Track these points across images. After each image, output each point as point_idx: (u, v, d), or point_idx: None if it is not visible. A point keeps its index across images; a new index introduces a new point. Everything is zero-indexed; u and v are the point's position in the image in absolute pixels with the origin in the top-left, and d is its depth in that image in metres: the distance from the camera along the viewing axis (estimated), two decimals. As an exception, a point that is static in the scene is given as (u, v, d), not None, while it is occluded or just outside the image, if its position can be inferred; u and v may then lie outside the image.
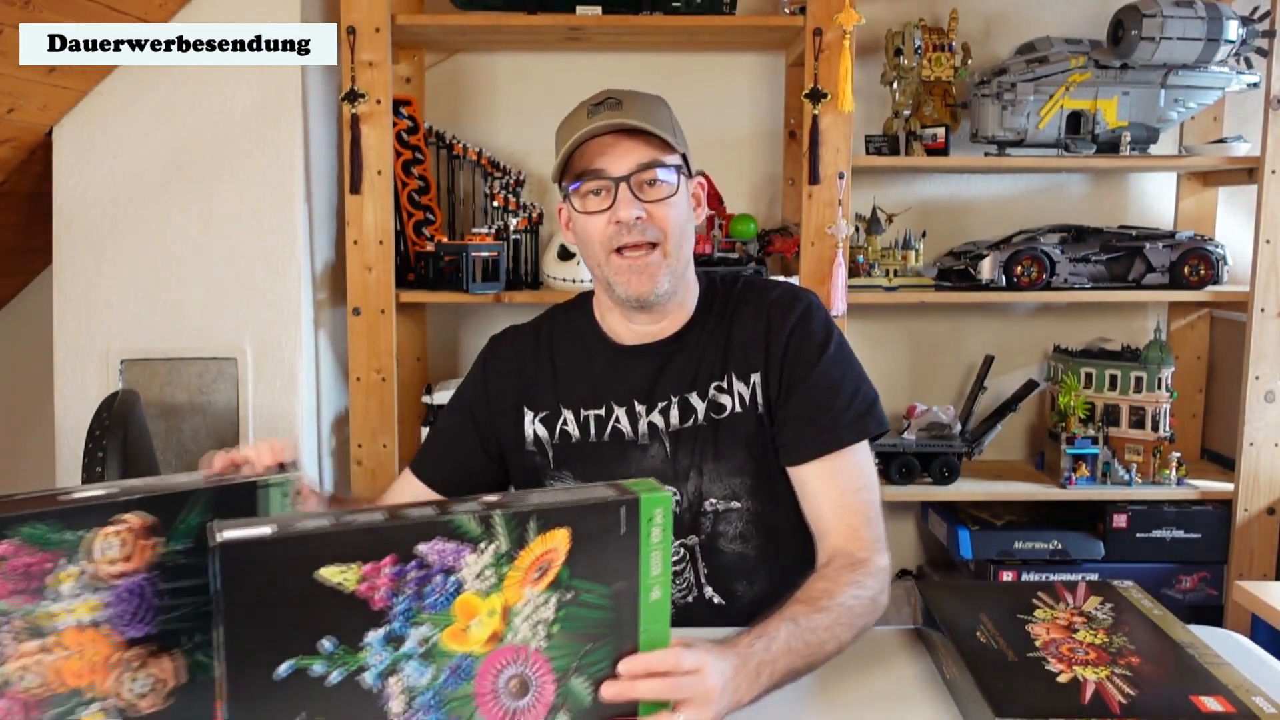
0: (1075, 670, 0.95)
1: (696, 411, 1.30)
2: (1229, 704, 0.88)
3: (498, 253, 2.27)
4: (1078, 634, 1.04)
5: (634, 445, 1.31)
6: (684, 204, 1.27)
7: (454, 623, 0.80)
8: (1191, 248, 2.34)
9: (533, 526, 0.81)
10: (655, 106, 1.28)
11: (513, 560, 0.81)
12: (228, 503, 0.92)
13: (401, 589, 0.77)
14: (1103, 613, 1.10)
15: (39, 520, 0.81)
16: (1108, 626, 1.06)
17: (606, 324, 1.35)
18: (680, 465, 1.29)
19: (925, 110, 2.40)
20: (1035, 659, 0.98)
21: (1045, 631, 1.04)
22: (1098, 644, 1.01)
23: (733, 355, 1.30)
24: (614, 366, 1.33)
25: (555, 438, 1.33)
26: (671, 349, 1.32)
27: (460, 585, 0.79)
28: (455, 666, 0.80)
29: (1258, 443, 2.29)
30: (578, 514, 0.82)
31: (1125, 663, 0.97)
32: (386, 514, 0.79)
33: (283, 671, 0.74)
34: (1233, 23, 2.18)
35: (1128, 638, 1.03)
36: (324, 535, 0.75)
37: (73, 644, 0.84)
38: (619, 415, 1.31)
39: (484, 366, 1.40)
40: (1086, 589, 1.17)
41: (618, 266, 1.25)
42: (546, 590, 0.82)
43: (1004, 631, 1.04)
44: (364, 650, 0.77)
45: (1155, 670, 0.95)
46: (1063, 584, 1.19)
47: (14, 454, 2.64)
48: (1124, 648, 1.00)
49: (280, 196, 2.13)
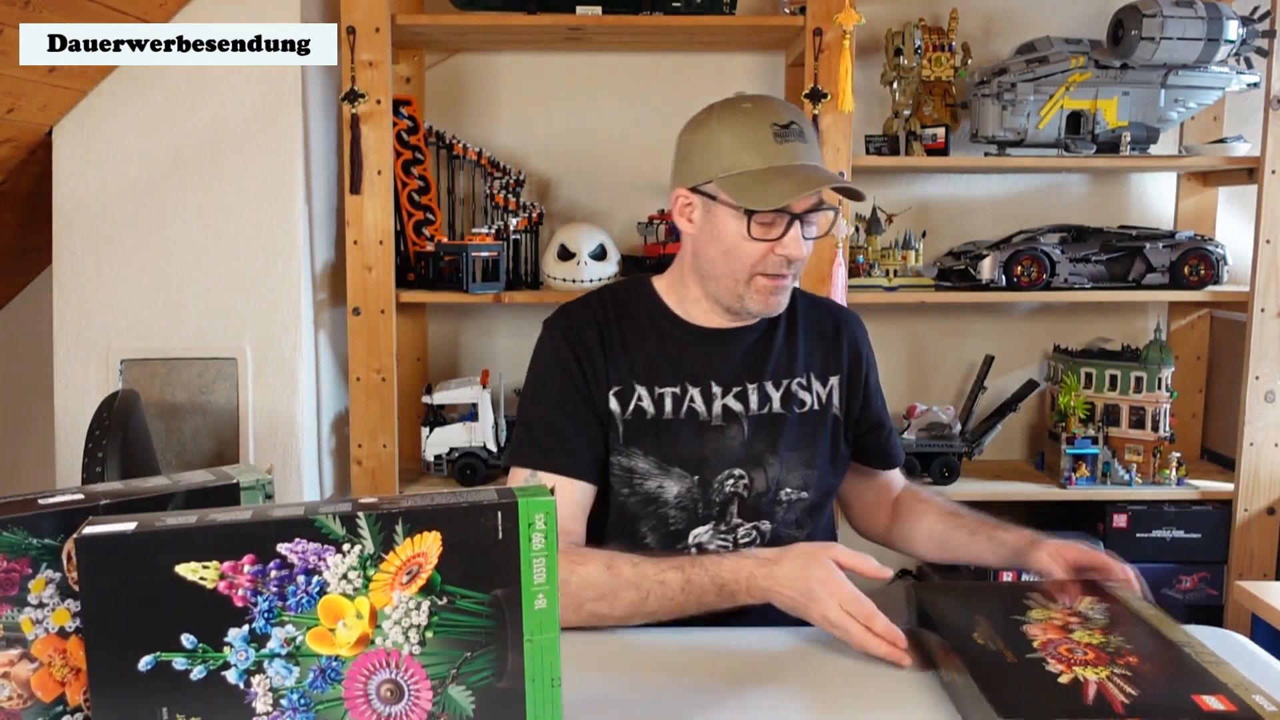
0: (1075, 670, 0.95)
1: (772, 400, 1.38)
2: (1230, 702, 0.88)
3: (498, 253, 2.27)
4: (1074, 634, 1.04)
5: (709, 425, 1.36)
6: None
7: (319, 624, 0.79)
8: (1191, 248, 2.34)
9: (400, 529, 0.79)
10: (816, 134, 1.42)
11: (380, 563, 0.79)
12: (204, 505, 0.92)
13: (263, 588, 0.77)
14: (1097, 612, 1.10)
15: (16, 526, 0.81)
16: (1104, 626, 1.06)
17: (684, 308, 1.40)
18: (755, 449, 1.36)
19: (925, 110, 2.40)
20: (1035, 660, 0.98)
21: (1042, 632, 1.04)
22: (1095, 644, 1.01)
23: (813, 355, 1.43)
24: (691, 348, 1.39)
25: (627, 413, 1.35)
26: (750, 337, 1.40)
27: (324, 586, 0.79)
28: (322, 669, 0.80)
29: (1258, 443, 2.29)
30: (448, 517, 0.80)
31: (1124, 662, 0.97)
32: (251, 513, 0.79)
33: (144, 665, 0.76)
34: (1233, 23, 2.18)
35: (1124, 637, 1.03)
36: (183, 532, 0.76)
37: (47, 653, 0.84)
38: (694, 395, 1.37)
39: (567, 341, 1.37)
40: (1078, 588, 1.17)
41: (761, 286, 1.32)
42: (418, 595, 0.80)
43: (1001, 633, 1.04)
44: (226, 648, 0.78)
45: (1155, 669, 0.95)
46: (1053, 584, 1.20)
47: (14, 454, 2.64)
48: (1121, 647, 1.00)
49: (280, 196, 2.13)
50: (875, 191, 2.53)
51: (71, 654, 0.84)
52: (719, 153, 1.30)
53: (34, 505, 0.83)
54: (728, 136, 1.30)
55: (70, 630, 0.84)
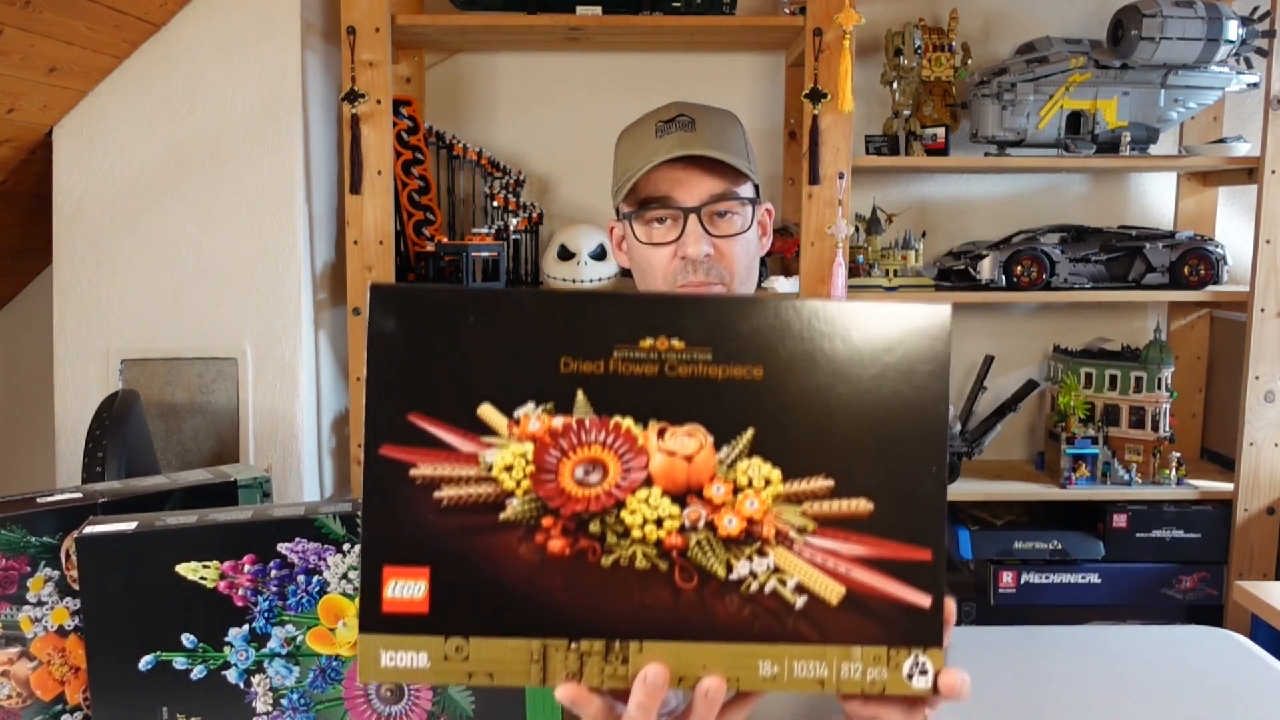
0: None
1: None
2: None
3: (498, 253, 2.27)
4: None
5: None
6: (754, 238, 1.20)
7: (319, 624, 0.80)
8: (1191, 248, 2.34)
9: None
10: (728, 127, 1.19)
11: None
12: (202, 504, 0.92)
13: (263, 588, 0.78)
14: None
15: (15, 524, 0.81)
16: None
17: None
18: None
19: (925, 110, 2.40)
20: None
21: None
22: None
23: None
24: None
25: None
26: None
27: (324, 586, 0.79)
28: (322, 668, 0.81)
29: (1258, 443, 2.29)
30: None
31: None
32: (252, 513, 0.80)
33: (144, 665, 0.77)
34: (1233, 23, 2.18)
35: None
36: (184, 532, 0.77)
37: (46, 652, 0.84)
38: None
39: None
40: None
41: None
42: None
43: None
44: (227, 647, 0.78)
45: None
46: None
47: (14, 454, 2.64)
48: None
49: (280, 196, 2.13)
50: (875, 192, 2.53)
51: (70, 653, 0.84)
52: (616, 169, 1.21)
53: (33, 504, 0.84)
54: (621, 149, 1.21)
55: (69, 629, 0.84)
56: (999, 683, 1.09)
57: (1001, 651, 1.18)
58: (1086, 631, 1.25)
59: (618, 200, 1.20)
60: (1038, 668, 1.15)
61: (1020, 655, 1.18)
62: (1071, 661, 1.16)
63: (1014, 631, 1.28)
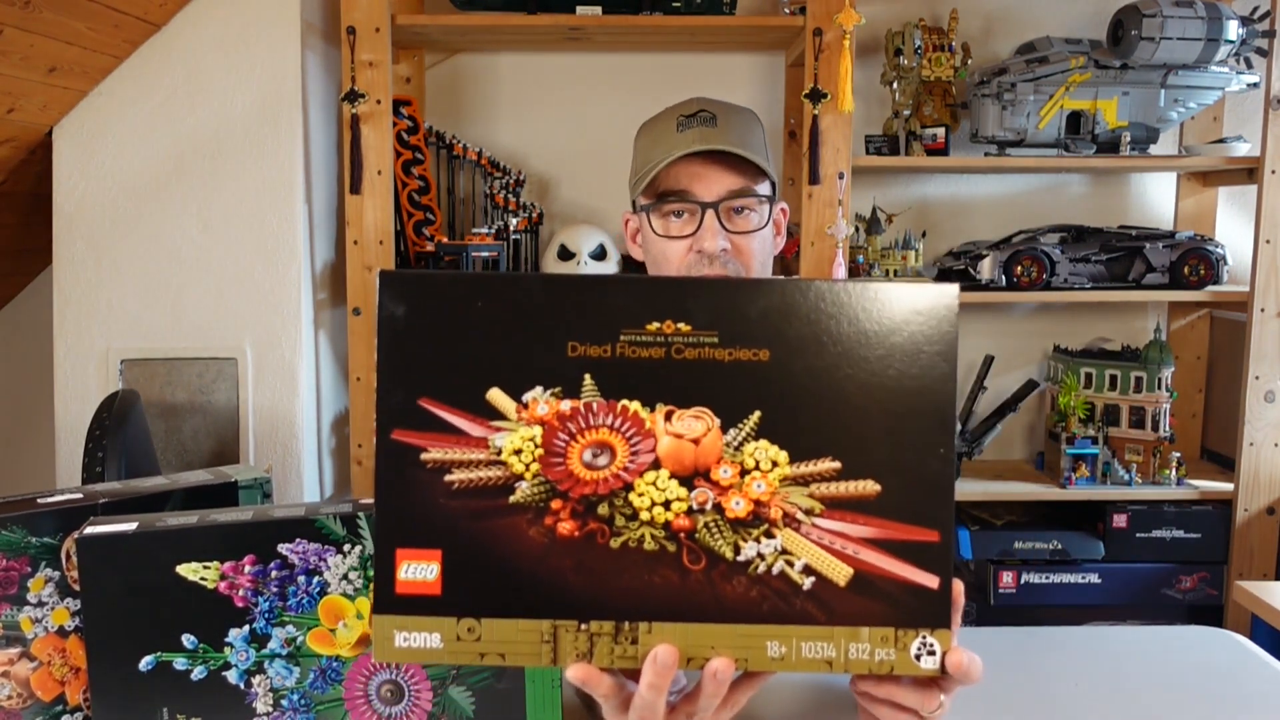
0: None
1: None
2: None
3: (498, 253, 2.27)
4: None
5: None
6: (769, 235, 1.21)
7: (320, 625, 0.80)
8: (1191, 248, 2.34)
9: None
10: (749, 125, 1.20)
11: None
12: (202, 504, 0.92)
13: (263, 588, 0.78)
14: None
15: (15, 525, 0.81)
16: None
17: None
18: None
19: (925, 110, 2.40)
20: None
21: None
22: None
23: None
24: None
25: None
26: None
27: (325, 587, 0.79)
28: (323, 669, 0.80)
29: (1258, 443, 2.29)
30: None
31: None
32: (252, 513, 0.79)
33: (145, 665, 0.77)
34: (1233, 23, 2.18)
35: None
36: (184, 532, 0.76)
37: (47, 653, 0.84)
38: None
39: None
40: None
41: None
42: None
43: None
44: (227, 648, 0.78)
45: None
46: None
47: (14, 454, 2.64)
48: None
49: (280, 196, 2.13)
50: (875, 192, 2.52)
51: (71, 653, 0.84)
52: (636, 162, 1.22)
53: (33, 504, 0.84)
54: (641, 142, 1.22)
55: (70, 629, 0.84)
56: (999, 683, 1.09)
57: (1001, 651, 1.18)
58: (1086, 631, 1.25)
59: (635, 192, 1.21)
60: (1038, 668, 1.15)
61: (1020, 655, 1.18)
62: (1071, 661, 1.16)
63: (1014, 631, 1.27)
